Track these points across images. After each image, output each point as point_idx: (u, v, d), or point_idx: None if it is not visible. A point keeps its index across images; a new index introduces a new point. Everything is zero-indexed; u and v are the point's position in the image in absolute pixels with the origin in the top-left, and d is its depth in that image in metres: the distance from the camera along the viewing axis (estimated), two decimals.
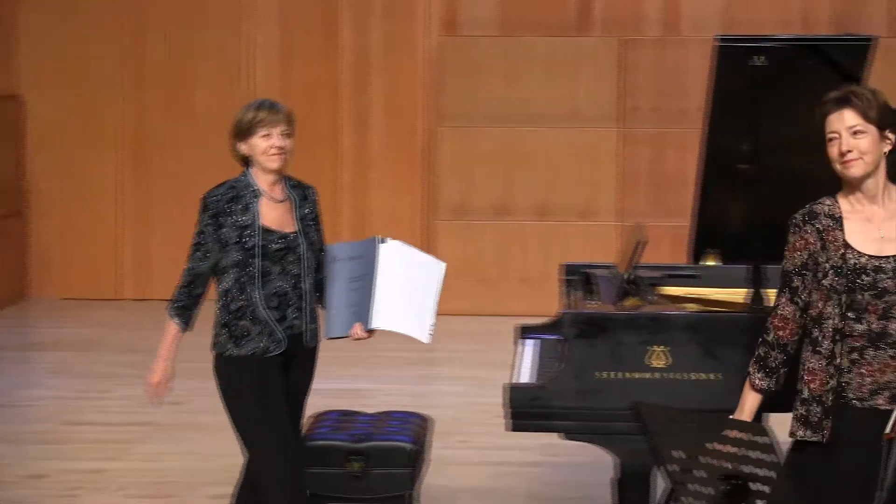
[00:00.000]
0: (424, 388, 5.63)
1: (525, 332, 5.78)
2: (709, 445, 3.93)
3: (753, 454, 3.83)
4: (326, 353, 9.27)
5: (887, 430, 3.97)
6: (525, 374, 5.26)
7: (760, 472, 3.84)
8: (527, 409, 4.95)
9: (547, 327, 5.73)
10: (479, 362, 5.25)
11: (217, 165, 10.85)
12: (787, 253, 4.27)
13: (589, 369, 4.93)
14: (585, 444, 5.06)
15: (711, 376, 4.92)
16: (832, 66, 5.35)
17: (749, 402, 4.35)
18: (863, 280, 4.13)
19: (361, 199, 11.26)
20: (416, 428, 5.57)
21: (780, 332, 4.27)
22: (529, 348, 5.60)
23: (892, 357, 4.13)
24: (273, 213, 5.13)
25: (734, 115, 5.37)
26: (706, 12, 11.05)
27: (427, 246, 10.55)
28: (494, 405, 5.21)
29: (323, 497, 5.42)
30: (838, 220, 4.21)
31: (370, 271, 5.10)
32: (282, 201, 5.16)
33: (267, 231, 5.08)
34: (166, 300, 5.06)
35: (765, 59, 5.19)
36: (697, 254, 5.94)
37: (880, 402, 4.14)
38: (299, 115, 11.24)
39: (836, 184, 5.67)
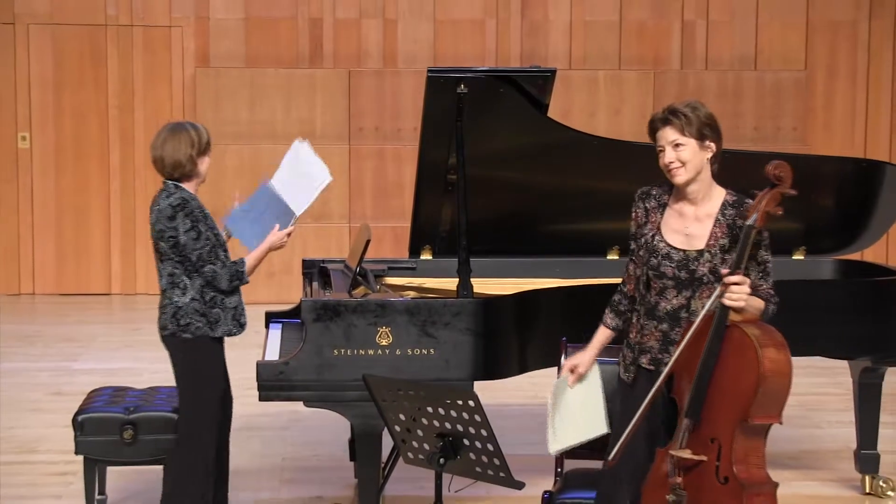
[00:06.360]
0: None
1: (271, 317, 5.73)
2: (427, 409, 3.95)
3: (464, 415, 3.87)
4: (103, 339, 9.03)
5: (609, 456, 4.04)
6: (272, 353, 5.22)
7: (471, 429, 3.88)
8: (273, 383, 4.91)
9: (290, 313, 5.70)
10: (235, 344, 5.19)
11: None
12: (630, 221, 4.31)
13: (325, 347, 4.92)
14: (325, 410, 5.04)
15: (426, 352, 4.96)
16: (522, 92, 5.44)
17: (598, 337, 4.38)
18: (652, 261, 4.18)
19: (129, 204, 11.00)
20: None
21: (628, 286, 4.33)
22: (276, 331, 5.56)
23: (653, 328, 4.19)
24: None
25: (443, 133, 5.41)
26: (417, 48, 11.14)
27: None
28: (248, 380, 5.15)
29: (100, 461, 5.30)
30: (663, 206, 4.23)
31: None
32: None
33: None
34: None
35: (468, 88, 5.25)
36: (414, 249, 5.98)
37: (643, 361, 4.23)
38: (72, 135, 10.94)
39: (528, 191, 5.79)
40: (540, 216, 5.95)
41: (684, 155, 4.12)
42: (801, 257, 6.15)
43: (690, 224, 4.17)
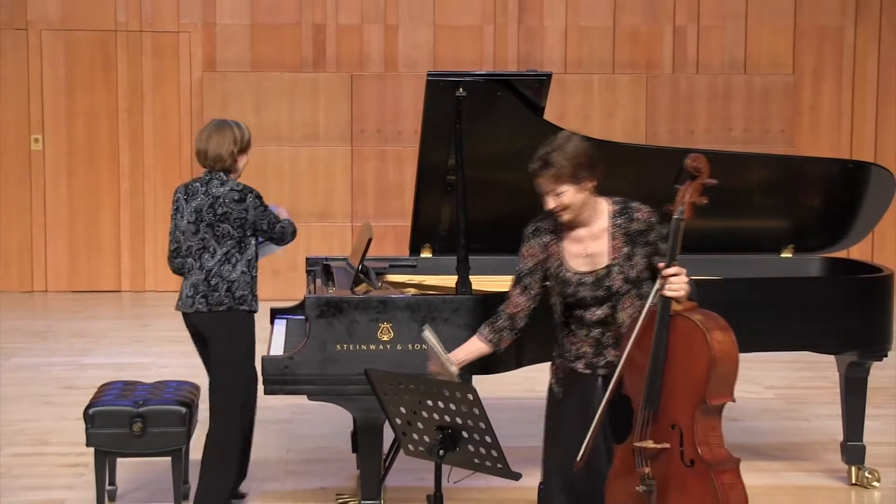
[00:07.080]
0: (193, 360, 5.56)
1: (276, 313, 5.72)
2: (427, 402, 3.94)
3: (463, 408, 3.86)
4: (113, 335, 9.02)
5: (577, 458, 4.01)
6: (277, 347, 5.22)
7: (469, 422, 3.87)
8: (278, 377, 4.90)
9: (294, 309, 5.69)
10: None
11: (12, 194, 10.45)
12: (520, 257, 4.28)
13: (329, 343, 4.91)
14: (328, 403, 5.03)
15: (426, 347, 4.94)
16: (519, 96, 5.43)
17: (469, 345, 4.36)
18: (567, 291, 4.18)
19: (138, 204, 10.99)
20: (187, 394, 5.45)
21: (510, 311, 4.30)
22: (280, 326, 5.55)
23: (585, 336, 4.20)
24: None
25: (443, 135, 5.40)
26: (417, 52, 11.14)
27: None
28: None
29: (110, 453, 5.30)
30: (559, 237, 4.21)
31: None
32: None
33: None
34: None
35: (466, 91, 5.24)
36: (415, 248, 5.97)
37: (579, 366, 4.22)
38: (83, 138, 10.94)
39: (524, 191, 5.77)
40: (536, 216, 5.92)
41: (565, 200, 4.12)
42: (790, 255, 6.14)
43: (589, 245, 4.18)
